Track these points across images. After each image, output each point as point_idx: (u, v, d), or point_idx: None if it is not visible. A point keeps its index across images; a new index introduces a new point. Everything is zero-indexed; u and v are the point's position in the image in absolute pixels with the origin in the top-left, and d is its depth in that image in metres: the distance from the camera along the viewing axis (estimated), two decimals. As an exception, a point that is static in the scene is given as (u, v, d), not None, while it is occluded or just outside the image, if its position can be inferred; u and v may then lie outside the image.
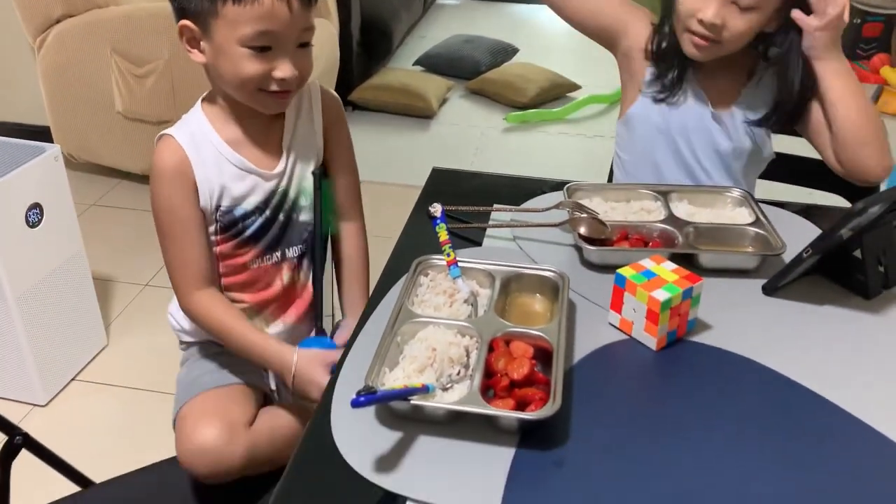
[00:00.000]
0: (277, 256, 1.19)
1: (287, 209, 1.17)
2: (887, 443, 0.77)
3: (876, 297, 1.00)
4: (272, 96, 1.06)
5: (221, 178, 1.11)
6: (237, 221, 1.14)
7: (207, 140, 1.10)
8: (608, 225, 1.06)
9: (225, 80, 1.06)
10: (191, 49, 1.06)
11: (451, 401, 0.77)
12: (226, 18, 1.00)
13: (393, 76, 3.57)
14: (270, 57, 1.02)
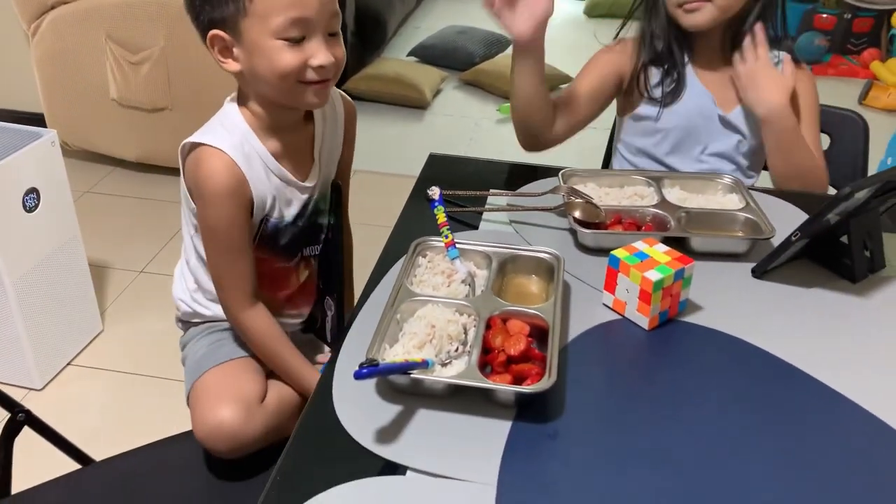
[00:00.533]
0: (297, 258, 1.21)
1: (311, 214, 1.19)
2: (872, 419, 0.80)
3: (862, 281, 1.02)
4: (312, 87, 1.04)
5: (271, 191, 1.10)
6: (278, 233, 1.15)
7: (255, 152, 1.09)
8: (602, 209, 1.08)
9: (264, 79, 1.04)
10: (224, 59, 1.04)
11: (449, 375, 0.79)
12: (255, 15, 0.99)
13: (387, 66, 3.58)
14: (304, 47, 1.01)
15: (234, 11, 0.99)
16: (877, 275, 1.04)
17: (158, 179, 2.78)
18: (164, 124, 2.64)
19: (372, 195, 2.59)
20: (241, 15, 0.99)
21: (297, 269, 1.22)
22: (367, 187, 2.85)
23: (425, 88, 3.45)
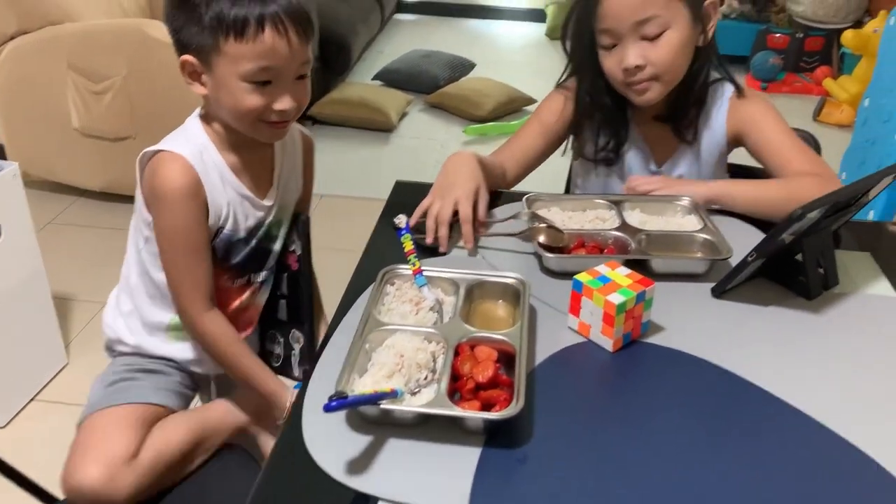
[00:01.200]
0: (243, 281, 1.22)
1: (266, 239, 1.21)
2: (830, 434, 0.83)
3: (817, 298, 1.06)
4: (271, 126, 1.09)
5: (226, 201, 1.12)
6: (230, 248, 1.16)
7: (212, 162, 1.11)
8: (565, 234, 1.11)
9: (225, 111, 1.08)
10: (192, 82, 1.08)
11: (419, 404, 0.81)
12: (227, 55, 1.02)
13: (352, 90, 3.60)
14: (270, 90, 1.05)
15: (210, 44, 1.02)
16: (831, 291, 1.08)
17: (123, 208, 2.74)
18: (128, 153, 2.62)
19: (340, 220, 2.59)
20: (214, 50, 1.03)
21: (241, 294, 1.22)
22: (335, 212, 2.86)
23: (391, 112, 3.47)
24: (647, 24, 1.18)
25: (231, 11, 1.00)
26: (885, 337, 0.99)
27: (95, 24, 2.54)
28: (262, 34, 1.01)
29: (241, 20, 1.00)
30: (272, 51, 1.02)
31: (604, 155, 1.35)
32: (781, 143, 1.27)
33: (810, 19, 4.11)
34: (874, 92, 2.80)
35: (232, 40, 1.01)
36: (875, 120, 2.73)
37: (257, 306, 1.28)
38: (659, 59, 1.20)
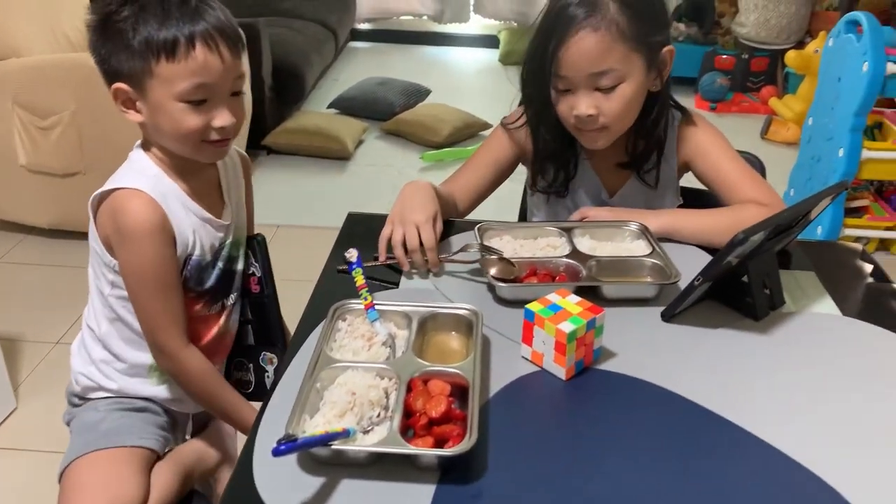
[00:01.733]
0: (219, 306, 1.21)
1: (231, 259, 1.21)
2: (779, 455, 0.84)
3: (764, 318, 1.08)
4: (213, 146, 1.09)
5: (191, 227, 1.12)
6: (201, 273, 1.15)
7: (170, 191, 1.10)
8: (516, 265, 1.11)
9: (166, 136, 1.07)
10: (126, 110, 1.07)
11: (371, 443, 0.80)
12: (160, 77, 1.01)
13: (307, 119, 3.60)
14: (207, 108, 1.05)
15: (141, 69, 1.02)
16: (777, 311, 1.10)
17: (72, 245, 2.70)
18: (77, 189, 2.57)
19: (297, 250, 2.57)
20: (146, 74, 1.02)
21: (217, 320, 1.22)
22: (292, 242, 2.83)
23: (347, 140, 3.47)
24: (602, 77, 1.19)
25: (160, 33, 1.00)
26: (831, 355, 1.01)
27: (42, 59, 2.50)
28: (193, 52, 1.01)
29: (171, 40, 1.00)
30: (205, 68, 1.02)
31: (555, 188, 1.36)
32: (729, 171, 1.30)
33: (755, 40, 4.23)
34: (817, 111, 2.89)
35: (164, 61, 1.00)
36: (819, 138, 2.82)
37: (231, 332, 1.27)
38: (611, 112, 1.21)
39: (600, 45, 1.17)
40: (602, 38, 1.16)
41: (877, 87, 2.53)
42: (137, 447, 1.12)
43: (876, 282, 1.24)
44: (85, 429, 1.15)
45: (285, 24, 3.92)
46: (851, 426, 0.89)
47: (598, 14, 1.16)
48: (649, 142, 1.32)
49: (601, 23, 1.16)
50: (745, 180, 1.29)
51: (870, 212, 2.82)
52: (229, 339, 1.27)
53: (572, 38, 1.17)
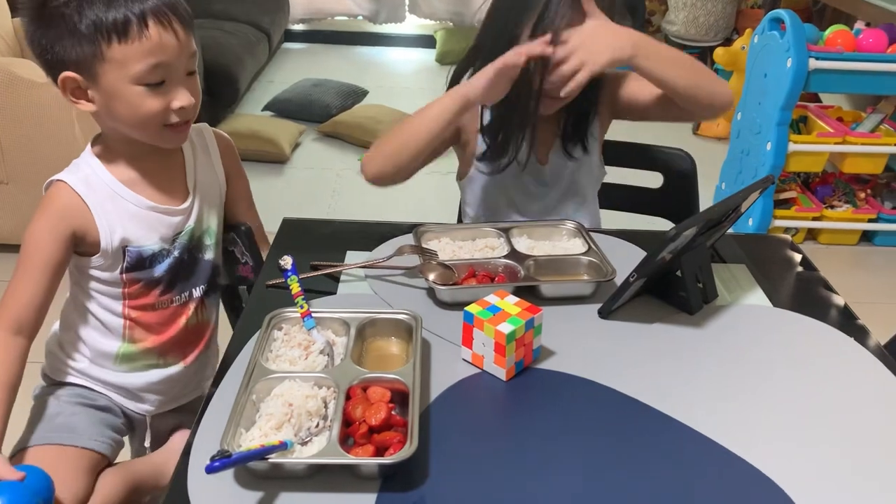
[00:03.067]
0: (185, 296, 1.17)
1: (193, 248, 1.17)
2: (716, 446, 0.85)
3: (698, 312, 1.10)
4: (173, 129, 1.05)
5: (122, 218, 1.08)
6: (144, 261, 1.11)
7: (102, 182, 1.07)
8: (455, 271, 1.11)
9: (124, 123, 1.04)
10: (76, 100, 1.02)
11: (310, 454, 0.78)
12: (114, 60, 0.97)
13: (241, 122, 3.53)
14: (165, 89, 1.01)
15: (91, 54, 0.97)
16: (711, 304, 1.12)
17: None
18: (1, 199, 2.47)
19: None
20: (97, 59, 0.98)
21: (185, 311, 1.18)
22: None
23: (283, 143, 3.42)
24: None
25: (108, 14, 0.96)
26: (762, 346, 1.04)
27: (-43, 65, 2.39)
28: (146, 31, 0.97)
29: (123, 21, 0.96)
30: (160, 46, 0.98)
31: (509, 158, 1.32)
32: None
33: (684, 38, 4.33)
34: (745, 106, 2.97)
35: (116, 44, 0.96)
36: (747, 132, 2.90)
37: (208, 323, 1.23)
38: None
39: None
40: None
41: (800, 83, 2.62)
42: (87, 449, 1.09)
43: (803, 272, 1.28)
44: (42, 418, 1.12)
45: (216, 27, 3.84)
46: (783, 415, 0.91)
47: None
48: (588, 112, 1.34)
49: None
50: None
51: (798, 203, 2.91)
52: (204, 330, 1.23)
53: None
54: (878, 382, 0.98)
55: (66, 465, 1.06)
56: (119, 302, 1.13)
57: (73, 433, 1.10)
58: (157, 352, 1.17)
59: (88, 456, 1.09)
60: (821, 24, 3.18)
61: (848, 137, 2.77)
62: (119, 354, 1.15)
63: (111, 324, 1.14)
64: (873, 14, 3.01)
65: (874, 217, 2.91)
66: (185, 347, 1.20)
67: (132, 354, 1.16)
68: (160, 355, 1.18)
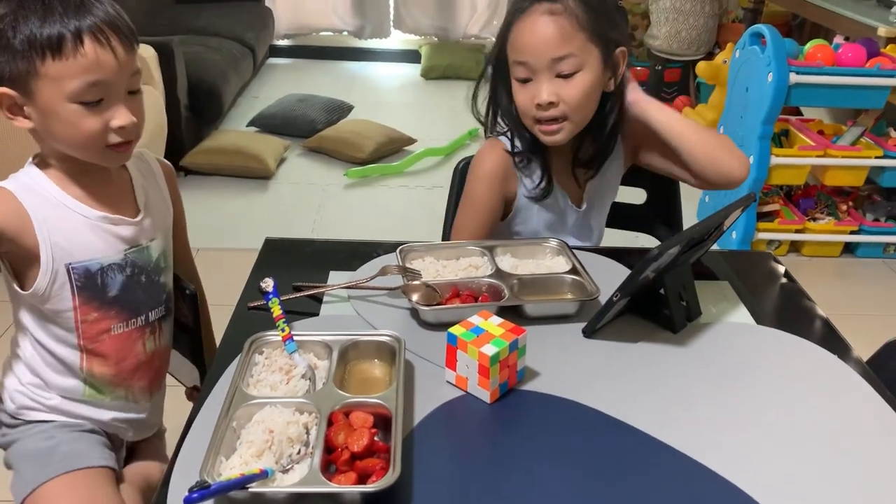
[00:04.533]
0: (141, 320, 1.14)
1: (149, 270, 1.13)
2: (698, 465, 0.85)
3: (682, 330, 1.10)
4: (115, 150, 1.02)
5: (65, 231, 1.04)
6: (95, 277, 1.07)
7: (47, 192, 1.03)
8: (439, 291, 1.10)
9: (62, 142, 1.01)
10: (13, 116, 1.00)
11: (291, 482, 0.77)
12: (48, 77, 0.95)
13: (226, 138, 3.51)
14: (103, 108, 0.99)
15: (25, 69, 0.95)
16: (695, 322, 1.12)
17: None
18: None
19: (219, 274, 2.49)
20: (32, 75, 0.95)
21: (143, 336, 1.15)
22: (214, 266, 2.74)
23: (268, 158, 3.40)
24: (562, 62, 1.20)
25: (43, 30, 0.94)
26: (746, 364, 1.04)
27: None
28: (81, 48, 0.94)
29: (57, 37, 0.94)
30: (97, 64, 0.96)
31: (539, 191, 1.34)
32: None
33: (667, 52, 4.37)
34: (727, 119, 2.99)
35: (50, 60, 0.94)
36: (729, 146, 2.92)
37: (164, 350, 1.20)
38: (570, 99, 1.22)
39: (560, 31, 1.20)
40: (562, 25, 1.20)
41: (781, 97, 2.64)
42: (102, 467, 1.08)
43: (787, 288, 1.28)
44: (38, 454, 1.09)
45: (200, 42, 3.83)
46: (767, 434, 0.91)
47: (557, 3, 1.20)
48: (597, 141, 1.34)
49: (560, 9, 1.20)
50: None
51: (780, 216, 2.93)
52: (163, 362, 1.20)
53: (531, 20, 1.21)
54: (861, 401, 0.98)
55: (95, 487, 1.05)
56: (73, 333, 1.08)
57: (83, 456, 1.08)
58: (119, 382, 1.13)
59: (105, 473, 1.08)
60: (800, 38, 3.21)
61: (829, 150, 2.79)
62: (85, 391, 1.12)
63: (67, 358, 1.10)
64: (852, 28, 3.04)
65: (856, 229, 2.94)
66: (146, 374, 1.17)
67: (97, 387, 1.12)
68: (125, 387, 1.14)
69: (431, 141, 3.74)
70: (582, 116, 1.27)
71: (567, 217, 1.39)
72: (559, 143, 1.28)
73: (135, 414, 1.17)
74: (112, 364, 1.12)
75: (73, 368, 1.10)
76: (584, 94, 1.23)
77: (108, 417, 1.15)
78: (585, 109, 1.26)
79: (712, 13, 4.29)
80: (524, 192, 1.36)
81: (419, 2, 5.12)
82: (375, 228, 2.99)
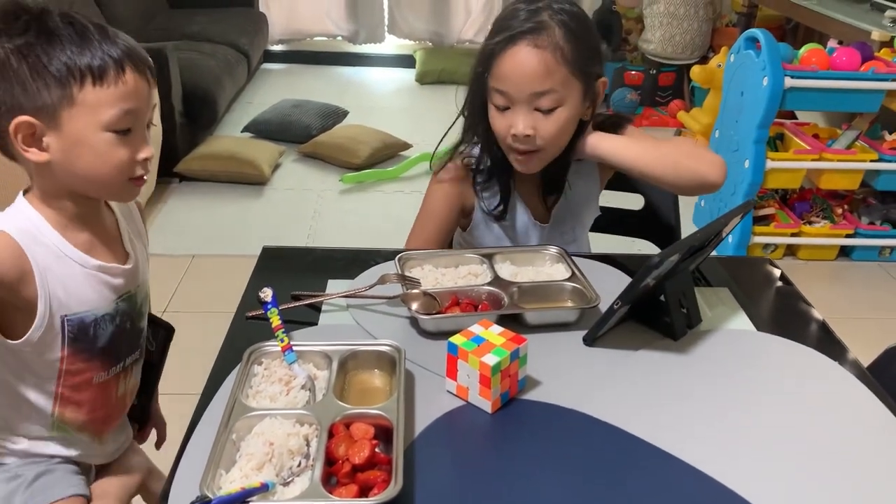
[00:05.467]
0: (119, 367, 1.10)
1: (134, 316, 1.10)
2: (699, 474, 0.85)
3: (683, 337, 1.09)
4: (134, 182, 1.00)
5: (64, 282, 0.99)
6: (88, 328, 1.03)
7: (48, 240, 0.99)
8: (438, 300, 1.10)
9: (84, 174, 0.96)
10: (27, 148, 0.94)
11: (292, 496, 0.76)
12: (85, 104, 0.92)
13: (220, 144, 3.50)
14: (131, 139, 0.97)
15: (58, 98, 0.92)
16: (695, 329, 1.12)
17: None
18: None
19: (214, 281, 2.48)
20: (65, 103, 0.92)
21: (118, 382, 1.11)
22: (208, 273, 2.74)
23: (263, 164, 3.39)
24: (543, 97, 1.19)
25: (83, 58, 0.92)
26: (747, 371, 1.04)
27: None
28: (123, 75, 0.93)
29: (100, 63, 0.92)
30: (135, 92, 0.95)
31: (496, 210, 1.35)
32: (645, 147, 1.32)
33: (661, 56, 4.38)
34: (722, 124, 3.00)
35: (90, 87, 0.92)
36: (725, 150, 2.93)
37: (132, 389, 1.17)
38: (547, 133, 1.22)
39: (543, 65, 1.18)
40: (545, 59, 1.18)
41: (776, 101, 2.65)
42: (75, 496, 1.06)
43: (785, 294, 1.28)
44: (11, 492, 1.05)
45: (194, 48, 3.82)
46: (768, 441, 0.90)
47: (542, 34, 1.18)
48: (566, 165, 1.33)
49: (546, 43, 1.18)
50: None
51: (776, 219, 2.94)
52: (129, 401, 1.17)
53: (515, 50, 1.19)
54: (861, 406, 0.98)
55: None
56: (52, 382, 1.03)
57: (55, 488, 1.05)
58: (89, 428, 1.10)
59: (78, 502, 1.06)
60: (794, 42, 3.23)
61: (824, 154, 2.80)
62: (52, 433, 1.08)
63: (38, 403, 1.05)
64: (845, 32, 3.05)
65: (851, 232, 2.94)
66: (115, 417, 1.14)
67: (65, 430, 1.08)
68: (93, 432, 1.11)
69: (427, 146, 3.71)
70: (557, 148, 1.27)
71: (530, 234, 1.38)
72: (530, 172, 1.29)
73: (99, 452, 1.14)
74: (85, 412, 1.08)
75: (44, 414, 1.06)
76: (560, 130, 1.23)
77: (74, 454, 1.11)
78: (561, 142, 1.26)
79: (706, 17, 4.31)
80: (483, 206, 1.36)
81: (414, 7, 5.12)
82: (371, 234, 2.98)
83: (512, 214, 1.37)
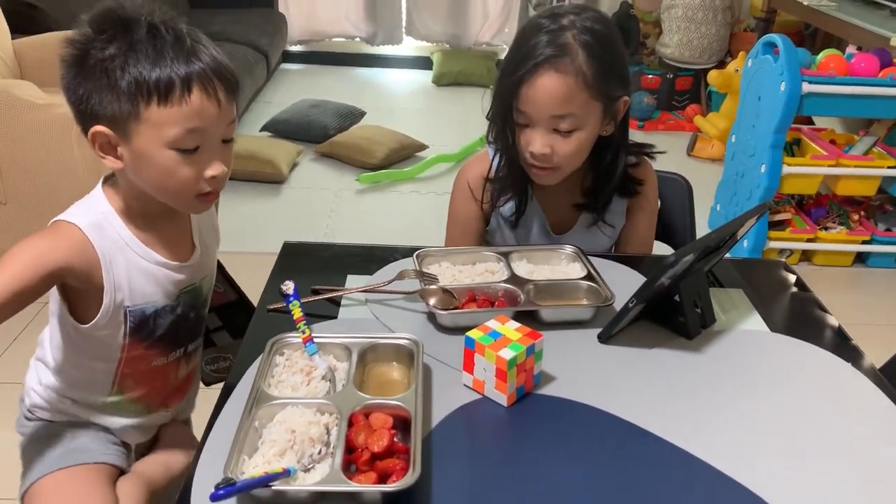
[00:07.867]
0: (179, 352, 1.14)
1: (198, 307, 1.14)
2: (713, 470, 0.86)
3: (697, 337, 1.11)
4: (202, 199, 1.01)
5: (129, 274, 1.03)
6: (148, 319, 1.07)
7: (116, 234, 1.02)
8: (455, 295, 1.12)
9: (152, 187, 0.99)
10: (104, 156, 0.98)
11: (313, 482, 0.78)
12: (150, 121, 0.93)
13: (239, 143, 3.54)
14: (199, 157, 0.97)
15: (128, 112, 0.94)
16: (709, 329, 1.13)
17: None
18: None
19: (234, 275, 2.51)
20: (133, 118, 0.94)
21: (178, 366, 1.16)
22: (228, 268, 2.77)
23: (281, 163, 3.43)
24: (562, 121, 1.21)
25: (152, 74, 0.92)
26: (760, 371, 1.05)
27: None
28: (188, 96, 0.93)
29: (166, 82, 0.92)
30: (201, 113, 0.94)
31: (511, 218, 1.37)
32: (644, 241, 1.44)
33: (678, 60, 4.38)
34: (739, 129, 3.00)
35: (155, 105, 0.92)
36: (742, 154, 2.93)
37: (195, 371, 1.22)
38: (564, 154, 1.24)
39: (564, 90, 1.19)
40: (567, 84, 1.19)
41: (794, 106, 2.65)
42: (101, 464, 1.09)
43: (800, 296, 1.29)
44: (44, 447, 1.10)
45: (215, 47, 3.86)
46: (782, 440, 0.92)
47: (566, 58, 1.19)
48: (608, 184, 1.35)
49: (568, 68, 1.19)
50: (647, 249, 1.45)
51: (792, 225, 2.94)
52: (192, 380, 1.22)
53: (537, 75, 1.19)
54: (875, 407, 0.99)
55: (87, 484, 1.06)
56: (114, 363, 1.09)
57: (84, 452, 1.09)
58: (143, 403, 1.15)
59: (104, 469, 1.09)
60: (812, 48, 3.22)
61: (841, 160, 2.79)
62: (105, 403, 1.13)
63: (101, 379, 1.10)
64: (864, 38, 3.05)
65: (868, 239, 2.94)
66: (171, 397, 1.18)
67: (118, 404, 1.13)
68: (146, 406, 1.15)
69: (443, 147, 3.76)
70: (572, 167, 1.29)
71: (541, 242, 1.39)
72: (548, 184, 1.32)
73: (145, 427, 1.18)
74: (144, 388, 1.13)
75: (103, 386, 1.11)
76: (578, 150, 1.25)
77: (118, 426, 1.15)
78: (576, 161, 1.29)
79: (724, 22, 4.31)
80: (500, 212, 1.38)
81: (431, 9, 5.15)
82: (387, 233, 3.01)
83: (527, 223, 1.39)
